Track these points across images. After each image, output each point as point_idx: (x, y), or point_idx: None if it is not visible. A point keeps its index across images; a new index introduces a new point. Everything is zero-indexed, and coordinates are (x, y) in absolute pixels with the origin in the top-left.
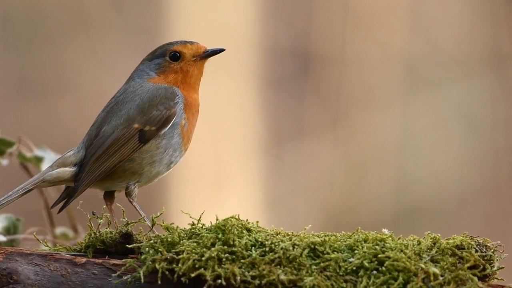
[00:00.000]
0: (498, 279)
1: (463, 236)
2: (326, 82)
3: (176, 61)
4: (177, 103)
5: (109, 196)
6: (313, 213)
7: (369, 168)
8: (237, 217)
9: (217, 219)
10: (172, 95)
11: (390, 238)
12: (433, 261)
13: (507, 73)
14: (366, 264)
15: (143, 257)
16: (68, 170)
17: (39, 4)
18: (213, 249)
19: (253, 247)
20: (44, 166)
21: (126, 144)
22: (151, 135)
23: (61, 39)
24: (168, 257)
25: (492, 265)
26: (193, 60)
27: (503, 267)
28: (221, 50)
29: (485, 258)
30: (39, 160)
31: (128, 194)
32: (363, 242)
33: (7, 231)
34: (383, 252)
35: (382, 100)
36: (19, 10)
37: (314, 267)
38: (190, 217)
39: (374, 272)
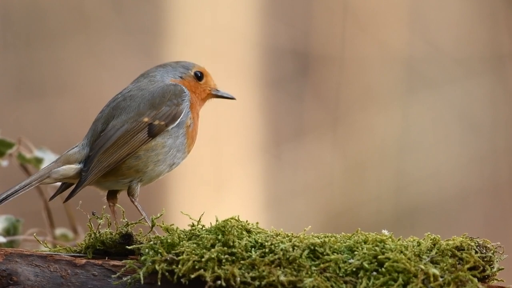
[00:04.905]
0: (498, 280)
1: (463, 237)
2: (326, 82)
3: (198, 80)
4: (184, 100)
5: (112, 197)
6: (313, 213)
7: (369, 168)
8: (237, 218)
9: (217, 220)
10: (180, 91)
11: (390, 239)
12: (433, 262)
13: (507, 73)
14: (366, 265)
15: (143, 258)
16: (74, 167)
17: (39, 4)
18: (213, 250)
19: (253, 248)
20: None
21: (135, 137)
22: (160, 130)
23: (60, 39)
24: (168, 258)
25: (492, 266)
26: (208, 90)
27: (503, 268)
28: (232, 98)
29: (485, 259)
30: (39, 161)
31: (131, 193)
32: (363, 243)
33: (7, 232)
34: (383, 253)
35: (382, 100)
36: (19, 10)
37: (314, 268)
38: (190, 218)
39: (374, 273)
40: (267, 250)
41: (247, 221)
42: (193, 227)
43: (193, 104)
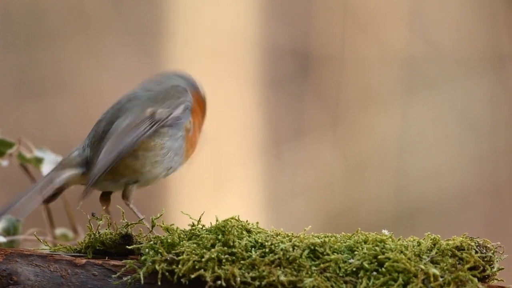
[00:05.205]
0: (498, 280)
1: (463, 237)
2: (326, 82)
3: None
4: (186, 98)
5: (105, 199)
6: (312, 213)
7: (369, 168)
8: (237, 218)
9: (217, 220)
10: (183, 92)
11: (390, 239)
12: (433, 262)
13: (507, 73)
14: (366, 265)
15: (143, 258)
16: (75, 172)
17: (39, 4)
18: (213, 250)
19: (253, 248)
20: (44, 167)
21: (139, 126)
22: (161, 124)
23: (60, 39)
24: (168, 258)
25: (492, 266)
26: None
27: (503, 268)
28: None
29: (485, 259)
30: (39, 161)
31: (126, 195)
32: (363, 243)
33: (7, 232)
34: (383, 253)
35: (382, 100)
36: (19, 10)
37: (314, 268)
38: (190, 218)
39: (374, 273)
40: (267, 250)
41: (247, 221)
42: (193, 227)
43: (194, 110)
